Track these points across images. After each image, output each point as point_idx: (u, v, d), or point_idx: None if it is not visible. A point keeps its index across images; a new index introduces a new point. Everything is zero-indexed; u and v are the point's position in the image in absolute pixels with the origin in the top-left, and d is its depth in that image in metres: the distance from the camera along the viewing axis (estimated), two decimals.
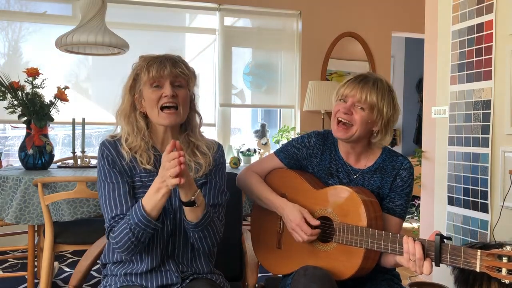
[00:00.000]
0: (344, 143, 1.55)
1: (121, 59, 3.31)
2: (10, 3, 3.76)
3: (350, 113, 1.47)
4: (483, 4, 2.35)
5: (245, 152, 3.88)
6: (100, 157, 1.40)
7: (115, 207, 1.34)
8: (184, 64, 1.42)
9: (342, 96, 1.51)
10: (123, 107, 1.43)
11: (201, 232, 1.37)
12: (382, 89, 1.48)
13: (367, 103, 1.46)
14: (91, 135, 4.38)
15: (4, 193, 2.41)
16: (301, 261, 1.50)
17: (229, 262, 1.77)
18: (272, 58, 4.46)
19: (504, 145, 2.24)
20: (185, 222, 1.37)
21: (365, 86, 1.47)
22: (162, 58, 1.38)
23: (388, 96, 1.49)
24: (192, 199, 1.30)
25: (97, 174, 1.41)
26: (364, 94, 1.46)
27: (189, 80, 1.43)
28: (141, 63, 1.40)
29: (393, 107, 1.50)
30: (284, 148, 1.66)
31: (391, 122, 1.51)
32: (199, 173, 1.43)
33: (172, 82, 1.38)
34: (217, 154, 1.50)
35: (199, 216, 1.33)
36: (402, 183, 1.52)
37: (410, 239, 1.29)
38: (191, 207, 1.31)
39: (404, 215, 1.53)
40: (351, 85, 1.49)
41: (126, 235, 1.29)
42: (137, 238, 1.29)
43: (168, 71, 1.36)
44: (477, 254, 1.18)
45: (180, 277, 1.40)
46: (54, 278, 2.97)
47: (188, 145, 1.45)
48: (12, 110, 2.67)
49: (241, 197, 1.91)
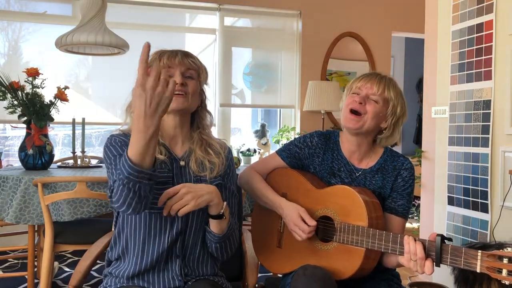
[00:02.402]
0: (350, 138, 1.55)
1: (121, 59, 3.31)
2: (10, 3, 3.76)
3: (364, 103, 1.49)
4: (483, 4, 2.35)
5: (245, 152, 3.88)
6: (110, 142, 1.35)
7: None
8: (195, 57, 1.43)
9: (356, 89, 1.52)
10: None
11: (223, 242, 1.38)
12: (397, 89, 1.53)
13: (382, 96, 1.49)
14: (91, 135, 4.38)
15: (4, 193, 2.41)
16: (302, 260, 1.50)
17: (229, 262, 1.76)
18: (272, 58, 4.46)
19: (504, 145, 2.24)
20: (209, 235, 1.37)
21: (382, 81, 1.51)
22: (174, 50, 1.41)
23: (402, 98, 1.54)
24: (221, 212, 1.31)
25: (105, 159, 1.35)
26: (382, 87, 1.49)
27: (200, 72, 1.43)
28: (153, 55, 1.41)
29: (405, 109, 1.55)
30: (286, 147, 1.66)
31: (400, 122, 1.55)
32: (213, 173, 1.41)
33: (182, 73, 1.38)
34: (229, 156, 1.51)
35: (224, 228, 1.35)
36: (404, 183, 1.52)
37: (411, 239, 1.29)
38: (219, 220, 1.33)
39: (406, 214, 1.53)
40: (367, 78, 1.52)
41: (122, 191, 1.17)
42: (134, 192, 1.17)
43: (179, 59, 1.38)
44: (478, 255, 1.18)
45: (183, 280, 1.38)
46: (54, 278, 2.97)
47: (201, 143, 1.44)
48: (12, 110, 2.67)
49: (241, 197, 1.91)
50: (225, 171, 1.47)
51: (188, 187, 1.26)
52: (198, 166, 1.40)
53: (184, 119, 1.44)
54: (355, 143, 1.55)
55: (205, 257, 1.44)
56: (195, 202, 1.25)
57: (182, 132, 1.43)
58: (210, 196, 1.29)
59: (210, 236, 1.38)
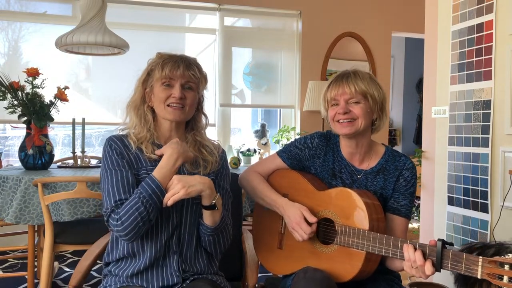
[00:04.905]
0: (349, 141, 1.54)
1: (121, 59, 3.31)
2: (10, 3, 3.76)
3: (349, 111, 1.47)
4: (483, 4, 2.35)
5: (245, 152, 3.88)
6: (108, 148, 1.41)
7: (123, 192, 1.34)
8: (198, 67, 1.46)
9: (332, 100, 1.50)
10: (134, 99, 1.46)
11: (216, 235, 1.42)
12: (364, 77, 1.49)
13: (358, 94, 1.46)
14: (91, 135, 4.37)
15: (4, 193, 2.41)
16: (302, 262, 1.50)
17: (229, 262, 1.76)
18: (272, 58, 4.46)
19: (504, 145, 2.24)
20: (202, 227, 1.41)
21: (348, 80, 1.48)
22: (178, 58, 1.42)
23: (372, 81, 1.50)
24: (213, 203, 1.35)
25: (102, 165, 1.41)
26: (352, 86, 1.46)
27: (200, 83, 1.46)
28: (156, 60, 1.43)
29: (380, 88, 1.51)
30: (286, 148, 1.65)
31: (384, 103, 1.52)
32: (206, 170, 1.46)
33: (182, 84, 1.41)
34: (224, 156, 1.55)
35: (216, 220, 1.39)
36: (406, 183, 1.52)
37: (411, 247, 1.28)
38: (211, 211, 1.36)
39: (409, 215, 1.53)
40: (335, 85, 1.50)
41: (136, 210, 1.28)
42: (148, 212, 1.29)
43: (181, 72, 1.40)
44: (479, 261, 1.17)
45: (181, 276, 1.40)
46: (54, 278, 2.97)
47: (195, 143, 1.49)
48: (12, 110, 2.67)
49: (241, 197, 1.91)
50: (219, 169, 1.51)
51: (179, 178, 1.33)
52: (192, 163, 1.45)
53: (180, 123, 1.49)
54: (354, 145, 1.54)
55: (201, 253, 1.47)
56: (185, 190, 1.30)
57: (177, 134, 1.48)
58: (202, 186, 1.33)
59: (203, 229, 1.41)
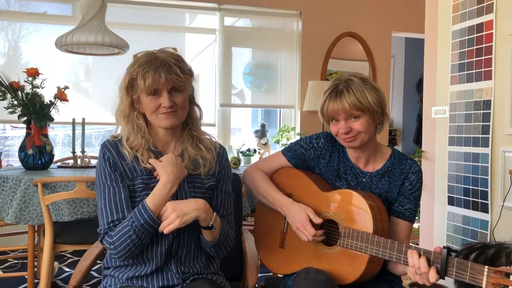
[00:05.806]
0: (353, 150, 1.52)
1: (121, 59, 3.30)
2: (10, 3, 3.75)
3: (350, 129, 1.43)
4: (483, 4, 2.35)
5: (245, 152, 3.88)
6: (101, 158, 1.39)
7: (115, 211, 1.34)
8: (180, 67, 1.35)
9: (331, 116, 1.47)
10: (122, 107, 1.41)
11: (217, 247, 1.43)
12: (356, 88, 1.42)
13: (354, 110, 1.41)
14: (91, 135, 4.37)
15: (4, 193, 2.41)
16: (304, 262, 1.49)
17: (229, 262, 1.76)
18: (272, 58, 4.46)
19: (504, 145, 2.24)
20: (203, 241, 1.42)
21: (341, 97, 1.42)
22: (157, 65, 1.31)
23: (366, 87, 1.42)
24: (210, 224, 1.35)
25: (96, 174, 1.40)
26: (346, 103, 1.40)
27: (186, 82, 1.39)
28: (135, 68, 1.34)
29: (376, 91, 1.43)
30: (291, 147, 1.64)
31: (384, 105, 1.45)
32: (206, 168, 1.44)
33: (169, 91, 1.34)
34: (224, 156, 1.52)
35: (216, 236, 1.39)
36: (411, 187, 1.50)
37: (415, 253, 1.27)
38: (210, 230, 1.37)
39: (413, 218, 1.51)
40: (330, 102, 1.45)
41: (128, 238, 1.29)
42: (140, 239, 1.30)
43: (164, 80, 1.31)
44: (484, 270, 1.16)
45: (181, 278, 1.40)
46: (54, 278, 2.97)
47: (192, 139, 1.46)
48: (12, 110, 2.66)
49: (241, 197, 1.91)
50: (220, 172, 1.49)
51: (173, 207, 1.32)
52: (191, 163, 1.43)
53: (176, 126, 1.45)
54: (358, 151, 1.52)
55: (201, 255, 1.47)
56: (180, 220, 1.30)
57: (174, 136, 1.45)
58: (197, 213, 1.33)
59: (204, 243, 1.43)
